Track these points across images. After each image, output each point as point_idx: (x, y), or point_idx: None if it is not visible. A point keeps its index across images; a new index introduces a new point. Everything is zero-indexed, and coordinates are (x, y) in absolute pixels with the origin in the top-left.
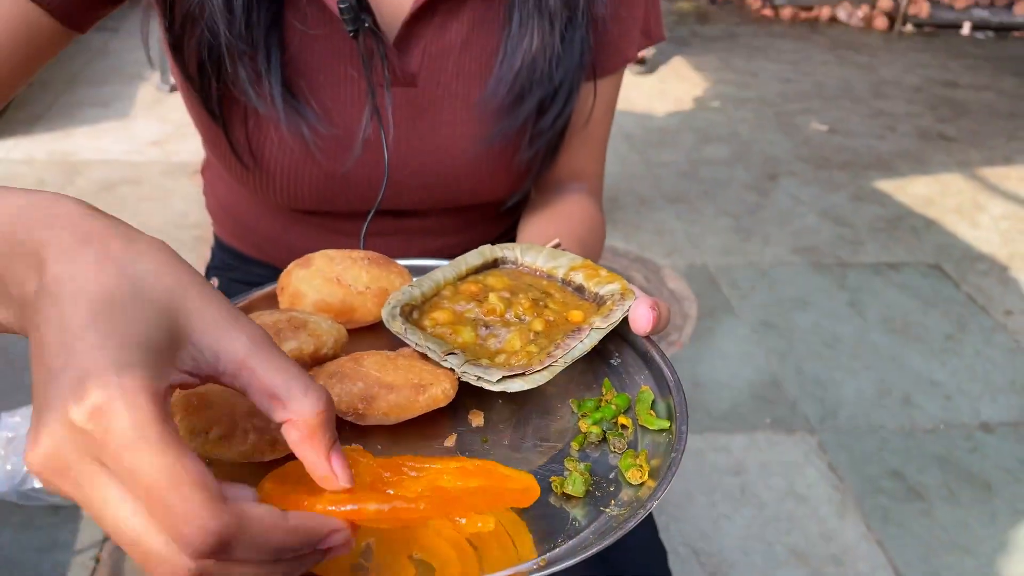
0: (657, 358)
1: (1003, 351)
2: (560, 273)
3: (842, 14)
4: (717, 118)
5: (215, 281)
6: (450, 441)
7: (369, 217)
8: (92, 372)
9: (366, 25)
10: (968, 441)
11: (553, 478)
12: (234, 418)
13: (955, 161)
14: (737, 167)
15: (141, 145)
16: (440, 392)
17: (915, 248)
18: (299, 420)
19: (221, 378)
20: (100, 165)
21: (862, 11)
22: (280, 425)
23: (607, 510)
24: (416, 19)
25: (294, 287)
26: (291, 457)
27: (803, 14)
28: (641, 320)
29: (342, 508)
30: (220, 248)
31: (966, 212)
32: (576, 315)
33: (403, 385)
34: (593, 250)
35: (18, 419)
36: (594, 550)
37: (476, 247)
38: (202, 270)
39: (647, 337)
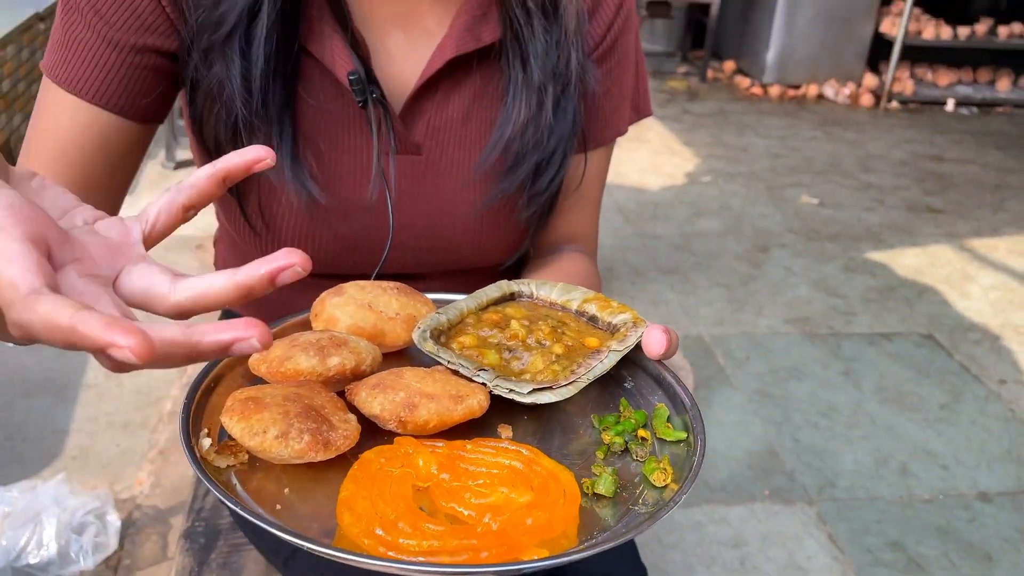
0: (670, 379)
1: (998, 420)
2: (574, 305)
3: (829, 92)
4: (709, 192)
5: None
6: None
7: (372, 279)
8: None
9: (374, 96)
10: (967, 511)
11: (584, 479)
12: (289, 419)
13: (943, 233)
14: (729, 239)
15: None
16: (476, 403)
17: (907, 318)
18: None
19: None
20: None
21: (848, 88)
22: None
23: (635, 507)
24: (420, 93)
25: (328, 313)
26: (342, 458)
27: (791, 92)
28: (655, 344)
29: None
30: (227, 316)
31: (956, 283)
32: (592, 341)
33: (442, 395)
34: None
35: (14, 494)
36: (632, 535)
37: None
38: None
39: (659, 361)
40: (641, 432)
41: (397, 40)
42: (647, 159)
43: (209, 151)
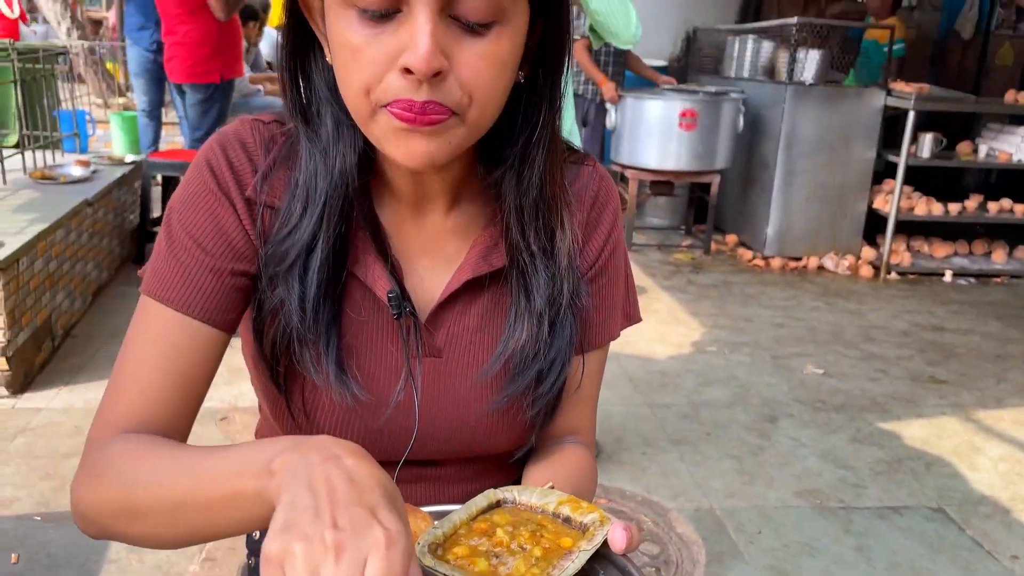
0: (632, 570)
1: None
2: (551, 508)
3: (829, 264)
4: (715, 361)
5: (256, 533)
6: None
7: (399, 466)
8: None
9: (407, 310)
10: None
11: None
12: None
13: (948, 403)
14: (737, 409)
15: None
16: None
17: (917, 491)
18: None
19: None
20: None
21: (847, 261)
22: None
23: None
24: (442, 307)
25: None
26: None
27: (792, 264)
28: (618, 540)
29: None
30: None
31: (964, 454)
32: (567, 541)
33: None
34: (587, 490)
35: None
36: None
37: None
38: None
39: (623, 555)
40: None
41: (424, 264)
42: (655, 329)
43: (266, 356)
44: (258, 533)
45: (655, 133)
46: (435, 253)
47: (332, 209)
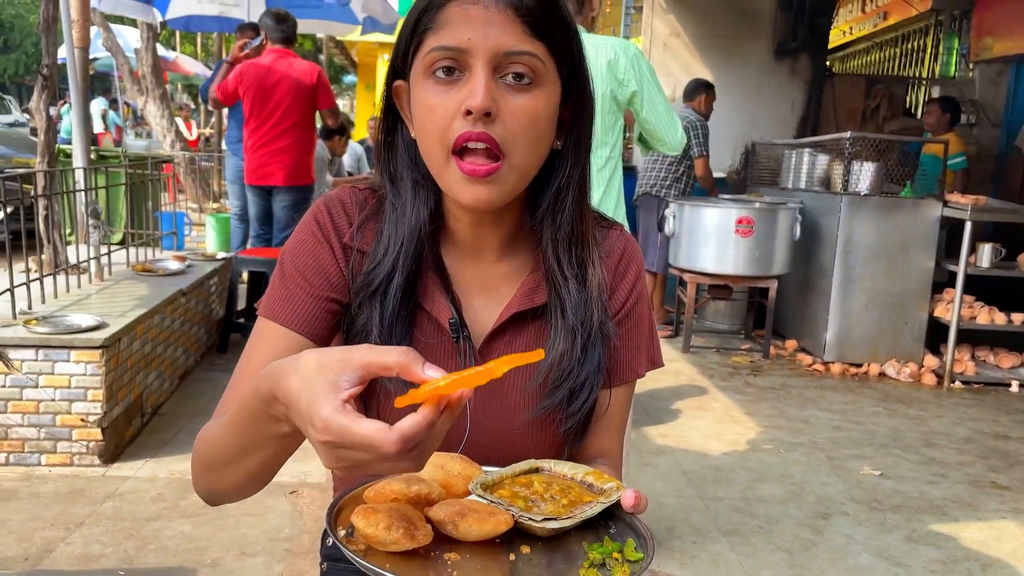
0: (638, 525)
1: None
2: (578, 477)
3: (891, 371)
4: (770, 459)
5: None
6: (510, 558)
7: None
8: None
9: (464, 335)
10: None
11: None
12: (391, 519)
13: (1009, 509)
14: (791, 505)
15: None
16: (503, 520)
17: None
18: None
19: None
20: None
21: (909, 368)
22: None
23: None
24: (493, 335)
25: None
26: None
27: (852, 370)
28: (628, 499)
29: None
30: None
31: (1022, 557)
32: (588, 497)
33: (483, 512)
34: None
35: None
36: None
37: None
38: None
39: (632, 513)
40: (615, 554)
41: (480, 300)
42: (710, 427)
43: None
44: (331, 540)
45: (712, 239)
46: (488, 292)
47: (407, 250)
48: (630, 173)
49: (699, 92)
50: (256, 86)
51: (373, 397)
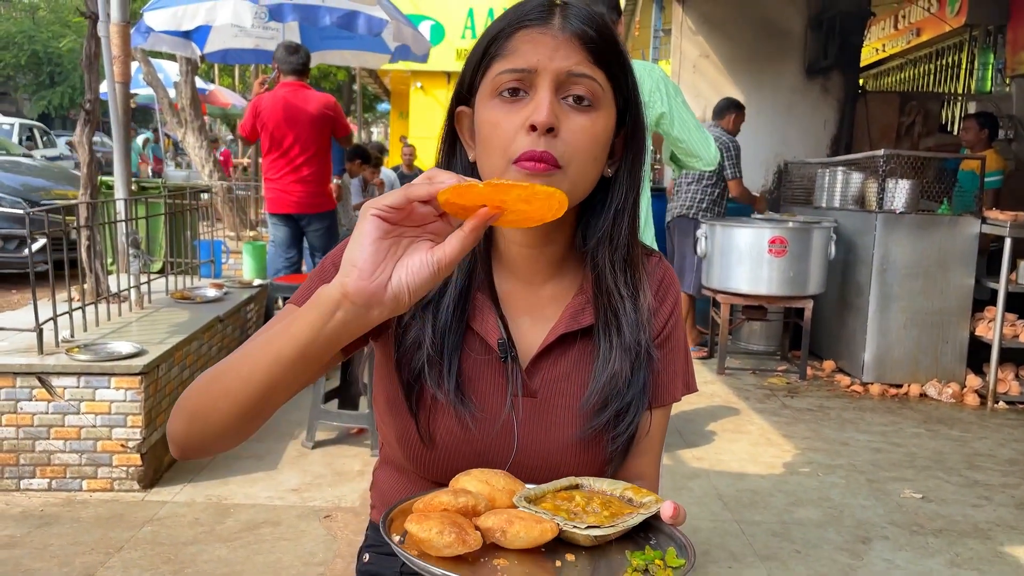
0: (678, 535)
1: None
2: (617, 492)
3: (932, 391)
4: (808, 482)
5: (367, 556)
6: (556, 565)
7: None
8: None
9: (512, 355)
10: None
11: None
12: (443, 525)
13: None
14: (829, 529)
15: (283, 492)
16: (549, 528)
17: None
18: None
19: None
20: (247, 508)
21: (951, 388)
22: (467, 534)
23: None
24: (540, 356)
25: (462, 483)
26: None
27: (891, 390)
28: (667, 511)
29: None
30: (374, 530)
31: None
32: (628, 510)
33: (529, 519)
34: None
35: None
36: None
37: None
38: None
39: (671, 525)
40: (657, 561)
41: (527, 321)
42: (746, 449)
43: (405, 382)
44: (367, 556)
45: (746, 259)
46: (536, 314)
47: (461, 267)
48: (660, 194)
49: (728, 111)
50: (272, 121)
51: (423, 411)
